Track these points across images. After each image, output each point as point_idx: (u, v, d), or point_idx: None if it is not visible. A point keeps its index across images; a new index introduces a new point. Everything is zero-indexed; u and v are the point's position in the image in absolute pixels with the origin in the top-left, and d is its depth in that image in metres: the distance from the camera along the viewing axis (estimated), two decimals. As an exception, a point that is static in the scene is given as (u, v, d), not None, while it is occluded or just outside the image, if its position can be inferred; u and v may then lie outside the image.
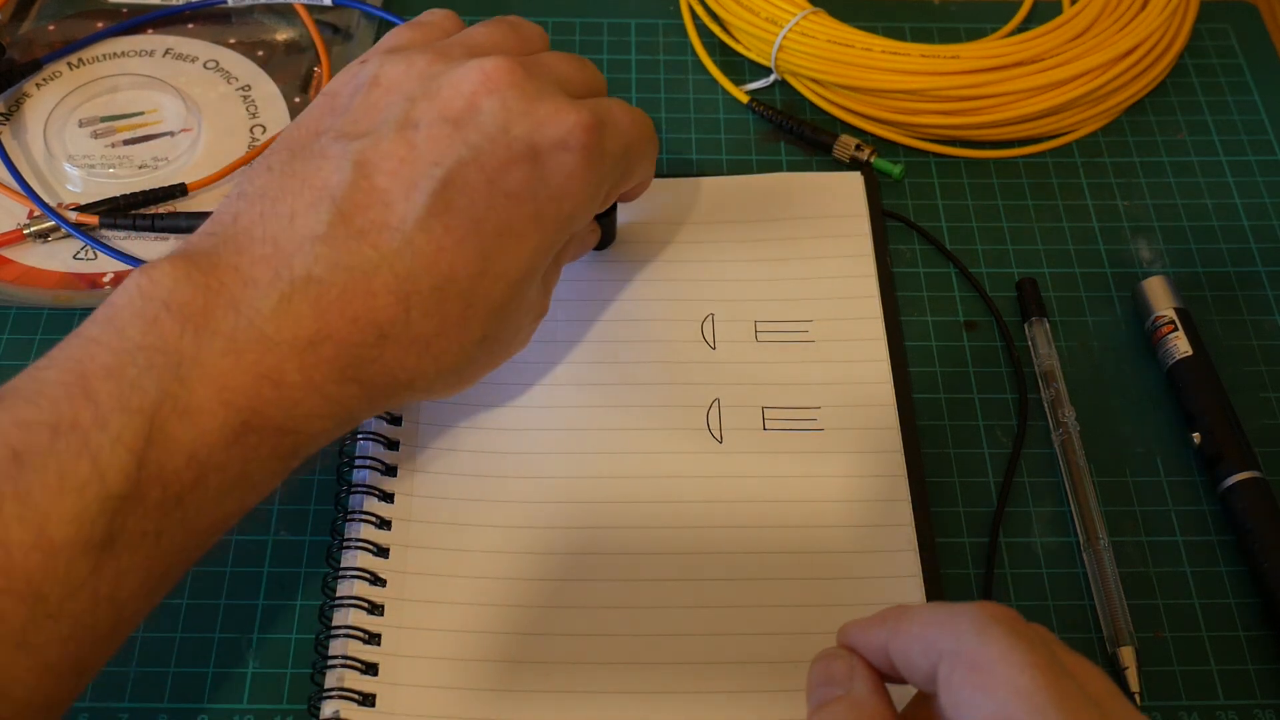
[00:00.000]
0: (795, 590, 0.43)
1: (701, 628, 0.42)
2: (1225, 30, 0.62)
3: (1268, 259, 0.54)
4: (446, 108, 0.38)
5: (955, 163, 0.57)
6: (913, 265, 0.53)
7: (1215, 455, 0.47)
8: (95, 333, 0.35)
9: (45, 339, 0.50)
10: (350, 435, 0.46)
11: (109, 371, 0.34)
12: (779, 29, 0.57)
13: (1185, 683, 0.43)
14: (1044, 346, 0.50)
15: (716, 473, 0.46)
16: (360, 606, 0.42)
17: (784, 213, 0.53)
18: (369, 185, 0.37)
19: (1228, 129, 0.58)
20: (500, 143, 0.38)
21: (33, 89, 0.58)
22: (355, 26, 0.61)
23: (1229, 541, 0.46)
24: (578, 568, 0.44)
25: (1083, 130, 0.58)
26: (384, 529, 0.44)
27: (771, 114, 0.57)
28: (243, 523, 0.45)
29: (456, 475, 0.46)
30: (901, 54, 0.56)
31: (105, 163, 0.55)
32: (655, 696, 0.41)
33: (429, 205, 0.37)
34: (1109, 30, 0.57)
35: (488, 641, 0.42)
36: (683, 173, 0.56)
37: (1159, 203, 0.56)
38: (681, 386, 0.48)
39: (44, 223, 0.52)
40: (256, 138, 0.56)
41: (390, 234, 0.37)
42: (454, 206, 0.37)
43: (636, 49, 0.61)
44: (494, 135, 0.38)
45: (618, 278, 0.51)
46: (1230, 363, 0.50)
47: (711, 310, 0.50)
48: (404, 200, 0.37)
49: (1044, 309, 0.51)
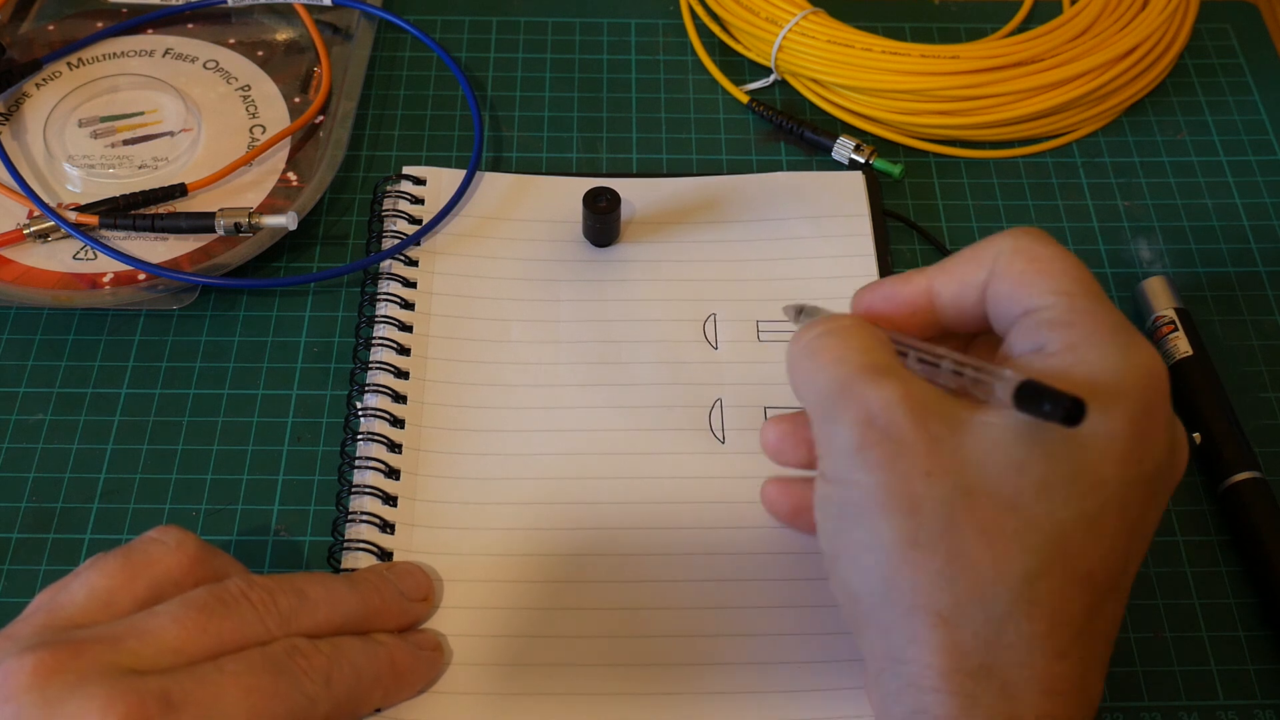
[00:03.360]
0: (798, 591, 0.43)
1: (703, 629, 0.42)
2: (1225, 30, 0.62)
3: (1268, 259, 0.54)
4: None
5: (955, 163, 0.57)
6: (913, 265, 0.53)
7: (1215, 455, 0.47)
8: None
9: (45, 339, 0.50)
10: (351, 435, 0.46)
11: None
12: (779, 29, 0.57)
13: (1185, 683, 0.43)
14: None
15: (718, 473, 0.46)
16: (362, 607, 0.42)
17: (785, 213, 0.53)
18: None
19: (1228, 129, 0.58)
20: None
21: (33, 89, 0.58)
22: (355, 26, 0.60)
23: (1229, 541, 0.46)
24: (579, 569, 0.44)
25: (1083, 130, 0.58)
26: (386, 532, 0.44)
27: (771, 114, 0.57)
28: (244, 523, 0.45)
29: (458, 478, 0.46)
30: (901, 54, 0.56)
31: (105, 163, 0.55)
32: (656, 697, 0.41)
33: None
34: (1109, 30, 0.57)
35: (489, 645, 0.42)
36: (683, 173, 0.56)
37: (1159, 203, 0.56)
38: (683, 387, 0.48)
39: (44, 223, 0.52)
40: (256, 138, 0.56)
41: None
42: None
43: (636, 49, 0.61)
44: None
45: (619, 278, 0.51)
46: (1230, 363, 0.50)
47: (713, 310, 0.50)
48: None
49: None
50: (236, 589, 0.37)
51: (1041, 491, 0.32)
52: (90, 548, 0.45)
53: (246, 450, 0.47)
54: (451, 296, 0.50)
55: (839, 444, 0.34)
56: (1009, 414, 0.33)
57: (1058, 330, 0.34)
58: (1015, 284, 0.35)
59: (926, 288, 0.38)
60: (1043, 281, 0.35)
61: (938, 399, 0.34)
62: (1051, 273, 0.35)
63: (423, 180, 0.54)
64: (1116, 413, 0.33)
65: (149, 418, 0.48)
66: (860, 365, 0.35)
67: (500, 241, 0.52)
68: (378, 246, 0.52)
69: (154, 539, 0.38)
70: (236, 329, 0.51)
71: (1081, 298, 0.35)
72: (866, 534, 0.34)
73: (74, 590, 0.37)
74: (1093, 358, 0.33)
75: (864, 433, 0.34)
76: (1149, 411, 0.34)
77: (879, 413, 0.34)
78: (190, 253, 0.52)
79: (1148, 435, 0.34)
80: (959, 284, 0.37)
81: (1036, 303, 0.35)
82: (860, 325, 0.37)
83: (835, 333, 0.36)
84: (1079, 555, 0.33)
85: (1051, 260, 0.35)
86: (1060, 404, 0.31)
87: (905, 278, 0.39)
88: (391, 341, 0.49)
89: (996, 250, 0.36)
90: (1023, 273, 0.35)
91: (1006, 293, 0.36)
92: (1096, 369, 0.33)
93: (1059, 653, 0.33)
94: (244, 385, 0.49)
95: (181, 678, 0.34)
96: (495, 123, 0.58)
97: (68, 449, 0.47)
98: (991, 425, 0.33)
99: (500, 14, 0.62)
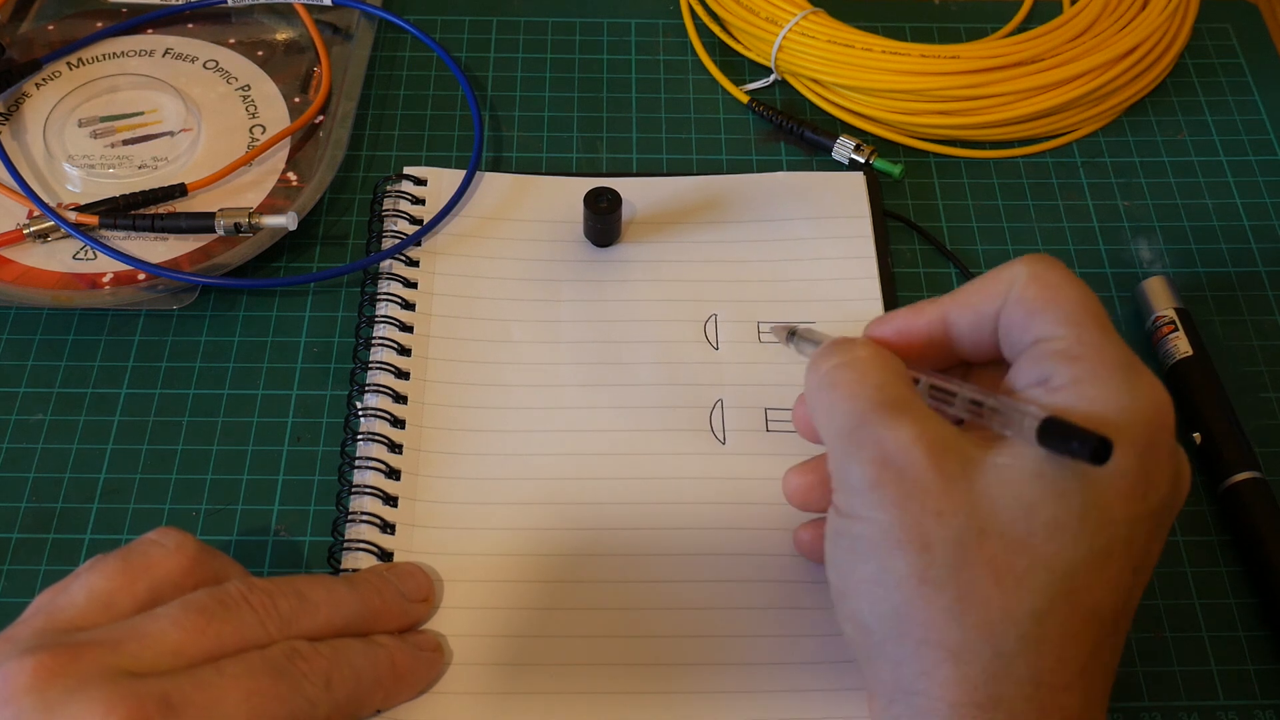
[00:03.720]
0: (798, 592, 0.43)
1: (703, 629, 0.42)
2: (1225, 30, 0.62)
3: (1268, 259, 0.54)
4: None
5: (955, 163, 0.57)
6: (913, 265, 0.53)
7: (1215, 455, 0.47)
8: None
9: (45, 339, 0.50)
10: (352, 435, 0.46)
11: None
12: (779, 29, 0.57)
13: (1185, 683, 0.43)
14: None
15: (719, 474, 0.46)
16: (362, 607, 0.42)
17: (786, 213, 0.53)
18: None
19: (1228, 129, 0.58)
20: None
21: (32, 89, 0.58)
22: (355, 26, 0.60)
23: (1229, 541, 0.46)
24: (579, 569, 0.44)
25: (1083, 130, 0.58)
26: (387, 532, 0.44)
27: (771, 114, 0.57)
28: (244, 523, 0.45)
29: (459, 478, 0.46)
30: (901, 54, 0.56)
31: (105, 163, 0.55)
32: (656, 697, 0.41)
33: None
34: (1109, 30, 0.57)
35: (490, 645, 0.42)
36: (683, 173, 0.56)
37: (1159, 203, 0.56)
38: (684, 387, 0.48)
39: (44, 223, 0.52)
40: (256, 138, 0.56)
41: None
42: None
43: (636, 49, 0.61)
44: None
45: (620, 278, 0.51)
46: (1230, 363, 0.50)
47: (714, 311, 0.50)
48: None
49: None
50: (236, 591, 0.37)
51: (1052, 531, 0.33)
52: (90, 548, 0.45)
53: (246, 450, 0.47)
54: (452, 297, 0.50)
55: (854, 481, 0.35)
56: (1021, 453, 0.34)
57: (1065, 363, 0.35)
58: (1027, 312, 0.36)
59: (941, 319, 0.38)
60: (1054, 310, 0.35)
61: (953, 438, 0.35)
62: (1062, 302, 0.35)
63: (424, 180, 0.54)
64: (1124, 450, 0.33)
65: (149, 418, 0.48)
66: (876, 401, 0.35)
67: (501, 242, 0.52)
68: (378, 246, 0.52)
69: (153, 541, 0.38)
70: (236, 329, 0.51)
71: (1090, 330, 0.35)
72: (878, 568, 0.34)
73: (74, 592, 0.37)
74: (1099, 394, 0.34)
75: (879, 472, 0.34)
76: (1155, 447, 0.34)
77: (894, 452, 0.34)
78: (190, 253, 0.52)
79: (1154, 471, 0.34)
80: (974, 314, 0.37)
81: (1046, 332, 0.35)
82: (875, 356, 0.37)
83: (851, 365, 0.37)
84: (1086, 592, 0.33)
85: (1063, 289, 0.36)
86: (1087, 443, 0.31)
87: (919, 310, 0.39)
88: (392, 341, 0.49)
89: (1011, 277, 0.36)
90: (1035, 299, 0.36)
91: (1018, 320, 0.36)
92: (1103, 406, 0.34)
93: (1064, 685, 0.33)
94: (244, 385, 0.49)
95: (181, 680, 0.34)
96: (495, 123, 0.58)
97: (68, 449, 0.47)
98: (1004, 466, 0.34)
99: (500, 14, 0.62)
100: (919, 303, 0.39)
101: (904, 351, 0.38)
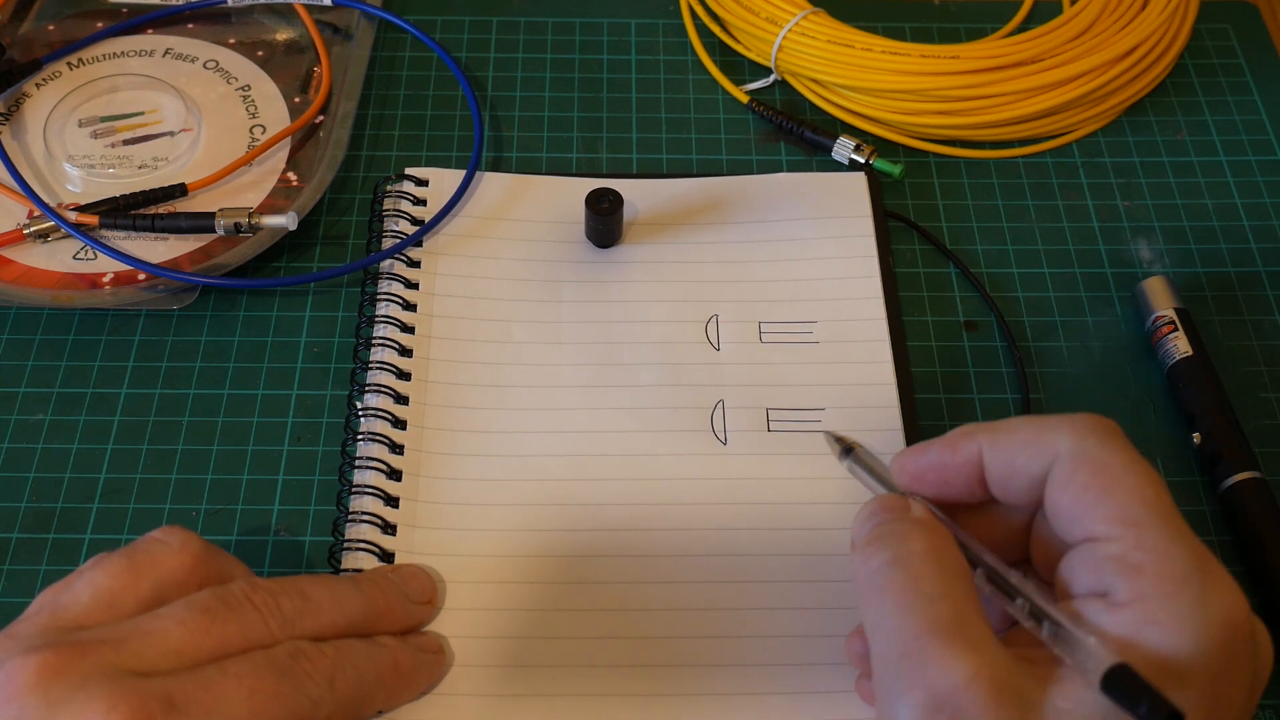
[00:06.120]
0: (800, 593, 0.43)
1: (705, 630, 0.42)
2: (1225, 30, 0.62)
3: (1268, 259, 0.54)
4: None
5: (955, 163, 0.57)
6: (913, 265, 0.53)
7: (1215, 455, 0.47)
8: None
9: (45, 339, 0.50)
10: (352, 435, 0.46)
11: None
12: (779, 29, 0.57)
13: (1186, 683, 0.43)
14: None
15: (720, 474, 0.46)
16: (363, 608, 0.42)
17: (787, 213, 0.53)
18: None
19: (1228, 129, 0.58)
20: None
21: (33, 89, 0.58)
22: (355, 26, 0.60)
23: (1229, 541, 0.46)
24: (581, 570, 0.44)
25: (1083, 130, 0.58)
26: (388, 533, 0.44)
27: (771, 114, 0.57)
28: (244, 523, 0.45)
29: (460, 479, 0.46)
30: (901, 54, 0.56)
31: (105, 163, 0.55)
32: (659, 698, 0.41)
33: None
34: (1109, 30, 0.57)
35: (492, 646, 0.42)
36: (683, 173, 0.56)
37: (1159, 203, 0.56)
38: (685, 388, 0.48)
39: (44, 223, 0.52)
40: (256, 138, 0.56)
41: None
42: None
43: (636, 49, 0.61)
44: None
45: (621, 279, 0.51)
46: (1230, 363, 0.50)
47: (715, 311, 0.50)
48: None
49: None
50: (240, 591, 0.37)
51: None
52: (90, 548, 0.45)
53: (246, 450, 0.47)
54: (453, 297, 0.50)
55: (900, 718, 0.32)
56: (1084, 699, 0.31)
57: (1125, 576, 0.31)
58: (1076, 500, 0.32)
59: (976, 460, 0.35)
60: (1108, 505, 0.32)
61: (1012, 676, 0.31)
62: (1119, 493, 0.32)
63: (424, 180, 0.54)
64: (1193, 690, 0.30)
65: (149, 418, 0.48)
66: (931, 621, 0.32)
67: (502, 242, 0.52)
68: (378, 246, 0.52)
69: (157, 540, 0.38)
70: (236, 329, 0.51)
71: (1151, 530, 0.32)
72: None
73: (77, 590, 0.37)
74: (1167, 618, 0.31)
75: (929, 718, 0.31)
76: (1232, 666, 0.31)
77: (947, 695, 0.31)
78: (190, 253, 0.52)
79: (1229, 688, 0.31)
80: (1009, 468, 0.35)
81: (1100, 531, 0.32)
82: (930, 553, 0.34)
83: (904, 564, 0.34)
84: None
85: (1119, 476, 0.32)
86: (1158, 711, 0.29)
87: (953, 444, 0.36)
88: (393, 342, 0.49)
89: (1057, 449, 0.33)
90: (1086, 488, 0.32)
91: (1066, 509, 0.33)
92: (1172, 637, 0.30)
93: None
94: (244, 385, 0.49)
95: (184, 680, 0.34)
96: (495, 123, 0.58)
97: (68, 449, 0.47)
98: (1066, 713, 0.31)
99: (500, 14, 0.62)
100: (952, 434, 0.36)
101: (937, 488, 0.36)
